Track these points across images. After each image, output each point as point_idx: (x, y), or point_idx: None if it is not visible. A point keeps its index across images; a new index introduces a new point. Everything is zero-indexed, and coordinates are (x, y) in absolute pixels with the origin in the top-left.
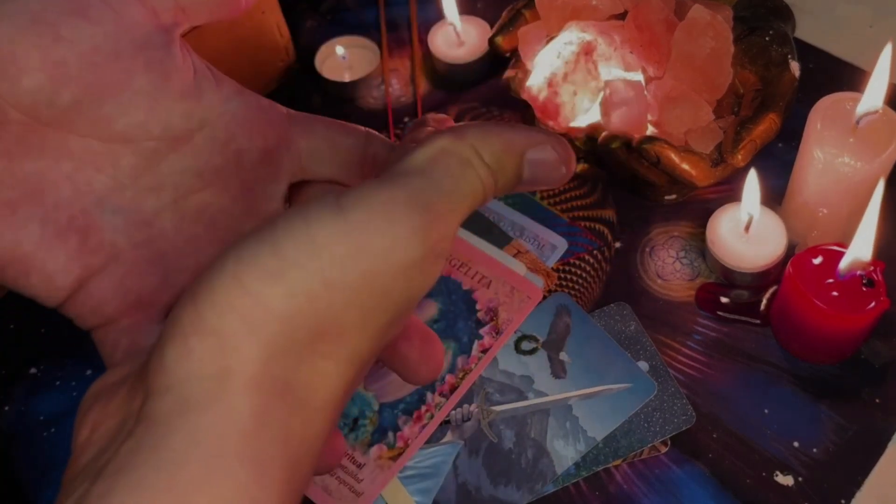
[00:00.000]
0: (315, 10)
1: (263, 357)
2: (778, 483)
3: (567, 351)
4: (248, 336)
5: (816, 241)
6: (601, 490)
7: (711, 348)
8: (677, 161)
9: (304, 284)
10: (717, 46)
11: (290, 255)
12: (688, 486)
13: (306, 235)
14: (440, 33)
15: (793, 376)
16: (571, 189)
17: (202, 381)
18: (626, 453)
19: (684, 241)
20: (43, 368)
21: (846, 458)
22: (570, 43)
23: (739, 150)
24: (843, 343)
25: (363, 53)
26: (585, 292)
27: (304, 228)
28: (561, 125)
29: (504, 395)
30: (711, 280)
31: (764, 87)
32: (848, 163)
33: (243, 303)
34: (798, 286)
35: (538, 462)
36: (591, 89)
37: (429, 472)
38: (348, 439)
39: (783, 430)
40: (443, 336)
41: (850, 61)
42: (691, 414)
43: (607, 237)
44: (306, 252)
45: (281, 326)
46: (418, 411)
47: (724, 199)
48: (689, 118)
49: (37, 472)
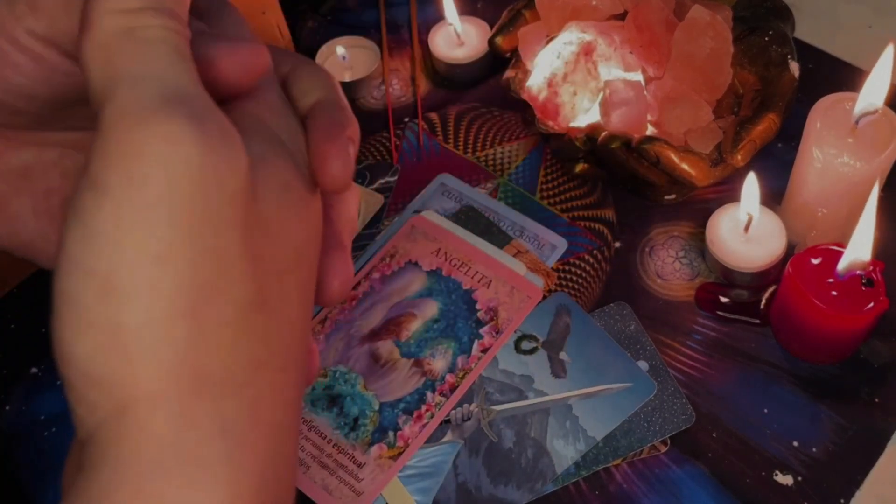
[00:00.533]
0: (315, 10)
1: (157, 369)
2: (778, 483)
3: (567, 351)
4: (127, 364)
5: (816, 240)
6: (601, 490)
7: (711, 348)
8: (677, 161)
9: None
10: (716, 46)
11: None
12: (688, 486)
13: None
14: (440, 33)
15: (793, 376)
16: (571, 189)
17: (108, 423)
18: (626, 453)
19: (684, 241)
20: (43, 368)
21: (846, 457)
22: (569, 43)
23: (739, 150)
24: (842, 343)
25: (363, 54)
26: (585, 292)
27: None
28: (561, 125)
29: (504, 395)
30: (711, 280)
31: (764, 87)
32: (847, 163)
33: (104, 338)
34: (798, 286)
35: (538, 461)
36: (591, 89)
37: (429, 471)
38: (349, 439)
39: (783, 430)
40: (443, 336)
41: (850, 61)
42: (691, 414)
43: (607, 237)
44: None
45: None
46: (418, 411)
47: (724, 199)
48: (689, 118)
49: (37, 472)
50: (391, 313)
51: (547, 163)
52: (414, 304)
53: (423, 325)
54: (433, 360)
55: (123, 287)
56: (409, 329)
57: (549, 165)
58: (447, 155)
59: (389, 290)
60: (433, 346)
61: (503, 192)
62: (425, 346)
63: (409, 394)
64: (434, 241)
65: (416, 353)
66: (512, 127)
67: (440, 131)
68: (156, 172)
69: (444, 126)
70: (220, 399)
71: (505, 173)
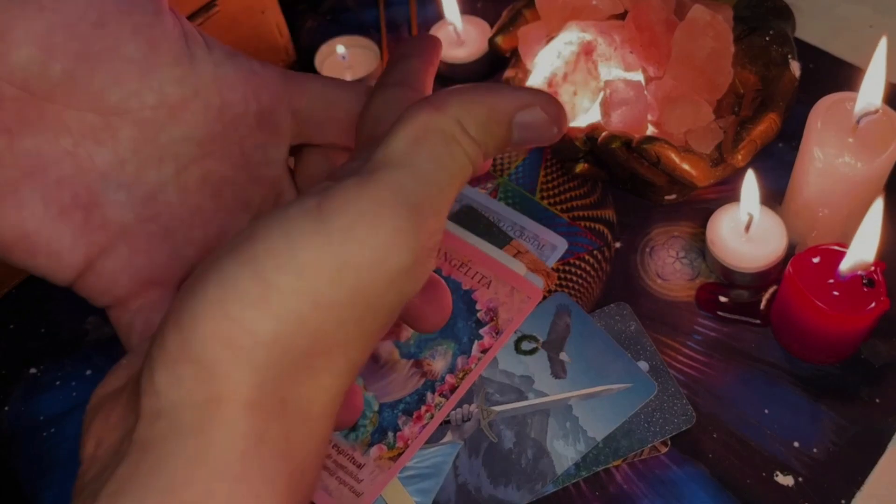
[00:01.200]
0: (315, 10)
1: (254, 382)
2: (778, 483)
3: (567, 351)
4: (235, 363)
5: (816, 241)
6: (601, 490)
7: (711, 348)
8: (677, 161)
9: (291, 308)
10: (717, 46)
11: (273, 279)
12: (688, 487)
13: (289, 254)
14: (440, 33)
15: (793, 376)
16: (571, 189)
17: (194, 407)
18: (627, 453)
19: (684, 241)
20: (43, 368)
21: (846, 458)
22: (570, 43)
23: (739, 150)
24: (843, 343)
25: (363, 53)
26: (585, 292)
27: (285, 245)
28: None
29: (504, 395)
30: (711, 280)
31: (764, 87)
32: (848, 163)
33: (229, 331)
34: (798, 286)
35: (538, 462)
36: (591, 89)
37: (429, 472)
38: (348, 439)
39: (783, 430)
40: (443, 336)
41: (851, 61)
42: (691, 414)
43: (607, 237)
44: (290, 274)
45: (270, 351)
46: (418, 411)
47: (724, 199)
48: (689, 118)
49: (37, 472)
50: None
51: (547, 163)
52: None
53: None
54: (433, 360)
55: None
56: (408, 329)
57: (549, 165)
58: None
59: None
60: (433, 347)
61: (503, 193)
62: (425, 346)
63: (408, 394)
64: None
65: (415, 354)
66: None
67: None
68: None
69: None
70: (291, 426)
71: (505, 173)
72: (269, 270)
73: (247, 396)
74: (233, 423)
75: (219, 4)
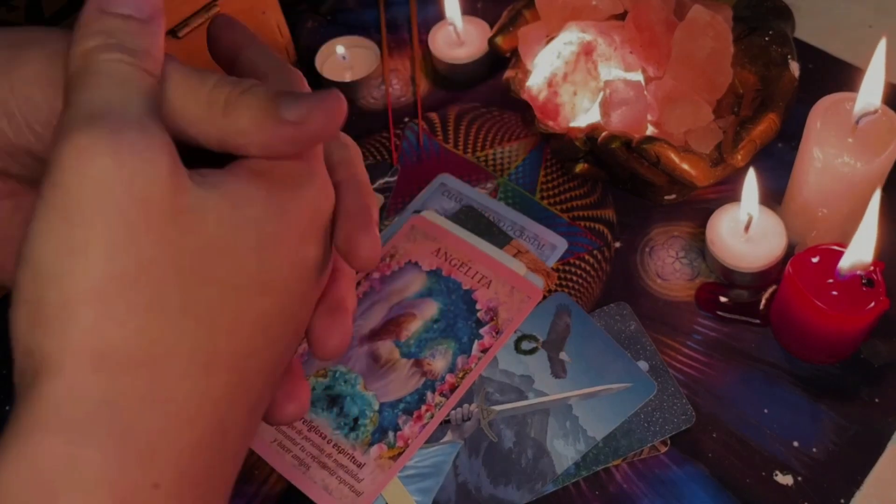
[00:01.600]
0: (315, 10)
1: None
2: (778, 483)
3: (567, 351)
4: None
5: (816, 240)
6: (601, 490)
7: (711, 348)
8: (677, 161)
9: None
10: (717, 46)
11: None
12: (688, 486)
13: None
14: (440, 33)
15: (793, 376)
16: (571, 189)
17: (27, 390)
18: (626, 453)
19: (684, 241)
20: None
21: (846, 458)
22: (570, 43)
23: (739, 150)
24: (842, 343)
25: (364, 53)
26: (585, 292)
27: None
28: (561, 125)
29: (504, 395)
30: (711, 280)
31: (764, 87)
32: (847, 163)
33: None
34: (798, 286)
35: (538, 462)
36: (591, 89)
37: (429, 471)
38: (349, 438)
39: (783, 430)
40: (443, 336)
41: (850, 61)
42: (691, 414)
43: (607, 237)
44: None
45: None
46: (418, 411)
47: (724, 199)
48: (689, 118)
49: None
50: (391, 313)
51: (547, 163)
52: (414, 305)
53: (423, 326)
54: (433, 360)
55: (49, 271)
56: (409, 329)
57: (549, 165)
58: (447, 155)
59: (389, 291)
60: (433, 347)
61: (503, 192)
62: (425, 346)
63: (409, 394)
64: (434, 241)
65: (416, 354)
66: (512, 127)
67: (440, 131)
68: (72, 180)
69: (444, 126)
70: (115, 375)
71: (505, 173)
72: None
73: (55, 362)
74: (48, 389)
75: (219, 5)
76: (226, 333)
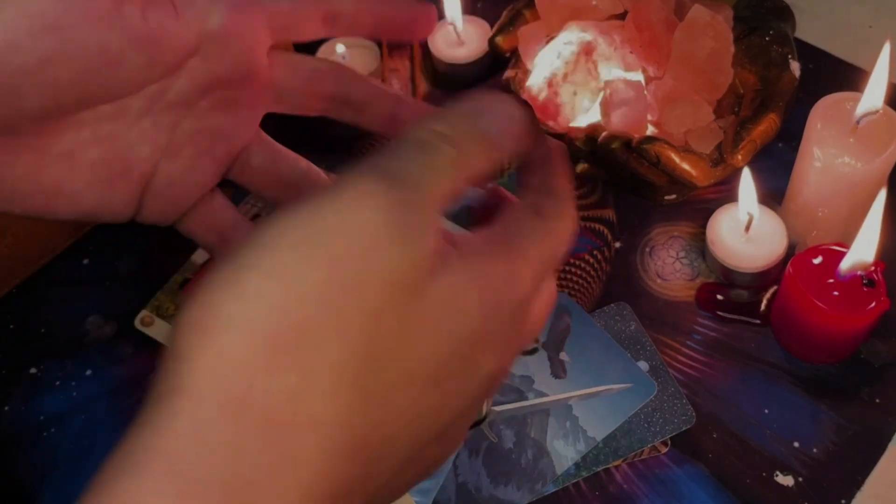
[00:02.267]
0: None
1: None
2: (778, 483)
3: (567, 351)
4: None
5: (816, 240)
6: (601, 490)
7: (711, 348)
8: (677, 161)
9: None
10: (717, 46)
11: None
12: (688, 486)
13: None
14: (440, 33)
15: (793, 376)
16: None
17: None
18: (627, 453)
19: (684, 241)
20: (42, 368)
21: (846, 458)
22: (570, 43)
23: (739, 150)
24: (843, 343)
25: (363, 53)
26: (585, 292)
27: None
28: (561, 125)
29: (504, 395)
30: (711, 280)
31: (764, 87)
32: (848, 163)
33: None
34: (798, 286)
35: (538, 462)
36: (591, 89)
37: None
38: None
39: (783, 430)
40: None
41: (850, 61)
42: (691, 414)
43: (607, 237)
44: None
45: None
46: None
47: (724, 199)
48: (689, 118)
49: (37, 472)
50: None
51: None
52: None
53: None
54: None
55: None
56: None
57: None
58: None
59: None
60: None
61: None
62: None
63: None
64: None
65: None
66: None
67: None
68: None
69: None
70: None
71: (505, 173)
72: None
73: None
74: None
75: None
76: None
